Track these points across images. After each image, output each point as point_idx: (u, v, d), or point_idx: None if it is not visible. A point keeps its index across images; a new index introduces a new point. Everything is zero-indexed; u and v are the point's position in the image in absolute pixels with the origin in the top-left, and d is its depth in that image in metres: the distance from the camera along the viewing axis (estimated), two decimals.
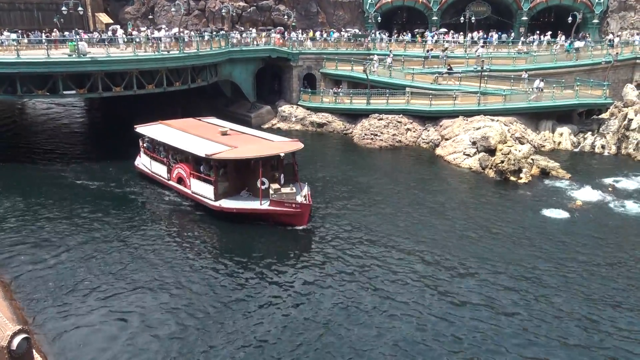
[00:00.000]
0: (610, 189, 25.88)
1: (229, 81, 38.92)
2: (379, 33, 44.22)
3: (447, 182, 27.78)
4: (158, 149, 25.76)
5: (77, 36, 30.70)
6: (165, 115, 38.41)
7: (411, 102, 35.71)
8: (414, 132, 34.92)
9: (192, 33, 37.16)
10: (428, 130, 34.65)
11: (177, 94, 35.31)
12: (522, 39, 42.43)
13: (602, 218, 22.52)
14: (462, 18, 42.99)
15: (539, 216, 22.65)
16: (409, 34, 44.33)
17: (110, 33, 34.94)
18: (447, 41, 41.67)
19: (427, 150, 33.37)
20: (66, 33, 34.57)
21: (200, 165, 22.71)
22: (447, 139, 32.88)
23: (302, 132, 37.17)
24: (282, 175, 22.61)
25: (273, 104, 40.48)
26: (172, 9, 39.88)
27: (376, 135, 34.64)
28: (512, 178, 27.04)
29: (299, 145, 22.91)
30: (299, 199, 21.03)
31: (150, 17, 45.10)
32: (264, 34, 40.01)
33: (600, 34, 43.27)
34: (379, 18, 45.95)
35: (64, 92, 29.47)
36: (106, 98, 33.37)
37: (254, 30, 41.09)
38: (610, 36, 41.53)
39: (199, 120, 28.28)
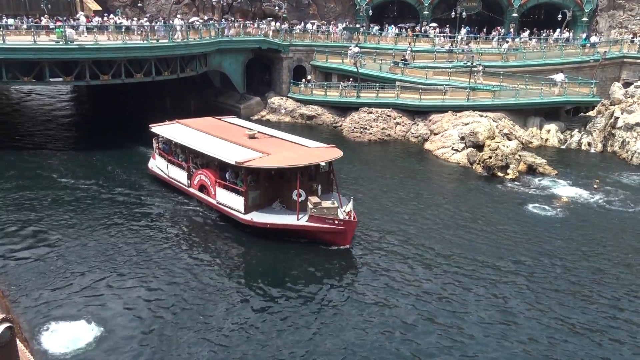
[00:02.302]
0: (595, 186, 26.17)
1: (218, 72, 38.65)
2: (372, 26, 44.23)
3: (435, 177, 27.91)
4: (175, 152, 23.68)
5: (76, 21, 30.20)
6: (153, 105, 38.22)
7: (401, 96, 35.75)
8: (403, 126, 34.98)
9: (183, 22, 36.82)
10: (417, 125, 34.74)
11: (166, 83, 35.00)
12: (511, 35, 42.61)
13: (587, 214, 22.79)
14: (453, 13, 43.02)
15: (525, 212, 22.86)
16: (391, 27, 44.26)
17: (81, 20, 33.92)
18: (437, 36, 41.73)
19: (416, 144, 33.47)
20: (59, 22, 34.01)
21: (226, 172, 20.65)
22: (436, 134, 33.00)
23: (291, 124, 37.09)
24: (319, 187, 20.47)
25: (263, 96, 40.30)
26: None
27: (365, 128, 34.65)
28: (499, 174, 27.24)
29: (338, 153, 20.54)
30: (340, 214, 18.89)
31: (139, 4, 44.57)
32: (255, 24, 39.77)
33: (589, 32, 43.54)
34: (370, 11, 45.85)
35: (51, 79, 29.13)
36: (94, 87, 33.01)
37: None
38: (585, 35, 41.89)
39: (219, 119, 26.13)
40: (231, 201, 20.01)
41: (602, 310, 15.47)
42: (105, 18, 36.08)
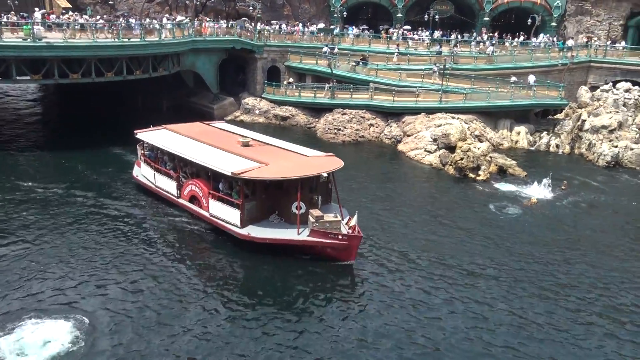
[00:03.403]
0: (563, 187, 26.78)
1: (191, 71, 38.27)
2: (347, 27, 44.42)
3: (408, 178, 28.17)
4: (162, 159, 22.35)
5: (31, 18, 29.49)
6: (124, 104, 37.61)
7: (375, 98, 36.01)
8: (376, 127, 35.22)
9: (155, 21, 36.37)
10: (391, 126, 35.02)
11: (137, 82, 34.49)
12: (481, 38, 43.32)
13: (555, 215, 23.30)
14: (426, 16, 43.52)
15: (495, 212, 23.24)
16: (351, 29, 44.57)
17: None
18: (411, 38, 42.14)
19: (390, 145, 33.74)
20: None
21: (219, 183, 19.49)
22: (409, 135, 33.32)
23: (265, 125, 36.96)
24: (319, 198, 19.53)
25: (236, 96, 40.06)
26: None
27: (339, 129, 34.77)
28: (471, 175, 27.65)
29: (339, 163, 19.43)
30: (343, 228, 17.92)
31: (110, 2, 43.83)
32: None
33: (558, 36, 44.60)
34: (345, 13, 46.04)
35: (18, 78, 28.38)
36: (63, 86, 32.27)
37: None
38: (535, 39, 42.98)
39: (209, 125, 24.92)
40: (226, 214, 18.83)
41: (569, 310, 15.84)
42: (67, 16, 35.20)
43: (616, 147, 31.25)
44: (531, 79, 35.90)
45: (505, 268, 18.13)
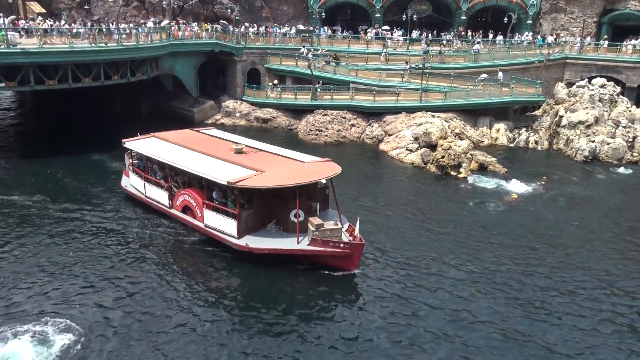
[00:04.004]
0: (542, 182, 27.17)
1: (170, 75, 37.98)
2: (327, 29, 44.46)
3: (391, 177, 28.30)
4: (152, 169, 21.66)
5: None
6: (102, 109, 37.18)
7: (355, 98, 36.13)
8: (358, 127, 35.33)
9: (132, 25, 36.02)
10: (372, 126, 35.17)
11: (116, 87, 34.11)
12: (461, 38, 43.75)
13: (535, 210, 23.63)
14: (404, 16, 43.77)
15: (476, 209, 23.49)
16: (323, 29, 44.72)
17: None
18: (389, 38, 42.35)
19: (371, 145, 33.87)
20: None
21: (213, 192, 18.94)
22: (390, 135, 33.49)
23: (246, 127, 36.85)
24: (318, 206, 19.10)
25: (217, 99, 39.87)
26: (110, 0, 38.42)
27: (321, 130, 34.82)
28: (452, 172, 27.89)
29: (337, 169, 18.88)
30: (344, 236, 17.63)
31: (86, 7, 43.23)
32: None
33: (533, 34, 45.21)
34: (323, 14, 46.10)
35: None
36: (39, 92, 31.78)
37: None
38: (518, 37, 43.69)
39: (198, 132, 24.22)
40: (222, 224, 18.21)
41: (555, 304, 16.08)
42: (35, 22, 34.60)
43: (593, 142, 31.80)
44: (500, 75, 36.48)
45: (488, 266, 18.32)
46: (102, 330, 14.03)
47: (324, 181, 18.98)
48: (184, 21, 40.94)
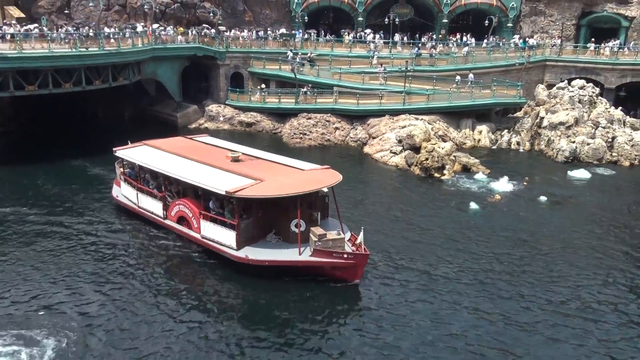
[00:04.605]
0: (525, 183, 27.49)
1: (153, 80, 37.73)
2: (312, 33, 44.57)
3: (376, 180, 28.41)
4: (144, 178, 20.96)
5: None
6: (84, 115, 36.71)
7: (339, 102, 36.23)
8: (342, 131, 35.43)
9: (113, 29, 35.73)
10: (356, 129, 35.29)
11: (97, 92, 33.80)
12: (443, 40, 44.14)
13: (518, 210, 23.89)
14: (386, 19, 44.04)
15: (460, 210, 23.68)
16: (299, 32, 44.88)
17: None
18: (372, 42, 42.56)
19: (356, 148, 33.99)
20: None
21: (209, 202, 18.27)
22: (374, 138, 33.64)
23: (230, 131, 36.75)
24: (319, 215, 18.42)
25: (200, 104, 39.70)
26: (90, 4, 38.05)
27: (305, 134, 34.84)
28: (436, 174, 28.09)
29: (338, 177, 18.35)
30: (347, 246, 17.14)
31: (66, 11, 42.76)
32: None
33: (524, 39, 45.78)
34: (306, 17, 46.18)
35: None
36: (18, 98, 31.29)
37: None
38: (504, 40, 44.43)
39: (191, 139, 23.54)
40: (220, 236, 17.57)
41: (532, 302, 16.27)
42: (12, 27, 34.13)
43: (573, 142, 32.28)
44: (470, 77, 36.97)
45: (466, 260, 18.47)
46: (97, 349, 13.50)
47: (325, 190, 18.45)
48: (159, 24, 40.61)
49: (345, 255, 16.48)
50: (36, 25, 35.82)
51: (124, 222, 21.24)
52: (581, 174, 29.45)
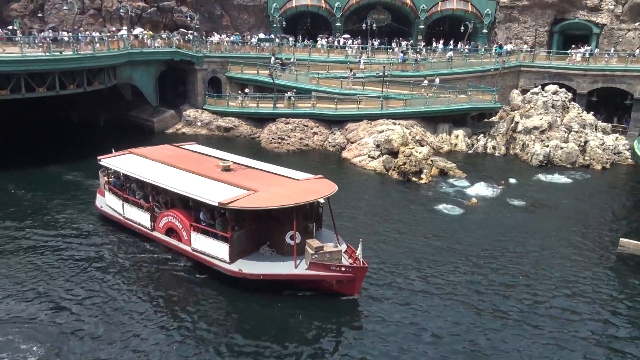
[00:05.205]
0: (501, 186, 27.89)
1: (129, 84, 37.29)
2: (289, 38, 44.68)
3: (354, 185, 28.48)
4: (130, 188, 20.25)
5: None
6: (58, 120, 36.04)
7: (317, 106, 36.32)
8: (320, 135, 35.49)
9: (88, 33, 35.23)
10: (334, 134, 35.40)
11: (71, 97, 33.27)
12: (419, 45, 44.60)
13: (494, 213, 24.22)
14: (364, 25, 44.35)
15: (438, 214, 23.91)
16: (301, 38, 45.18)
17: None
18: (350, 47, 42.81)
19: (334, 153, 34.08)
20: None
21: (199, 212, 17.62)
22: (352, 142, 33.78)
23: (208, 136, 36.51)
24: (314, 226, 17.79)
25: (177, 108, 39.39)
26: (65, 7, 37.48)
27: (283, 139, 34.81)
28: (413, 179, 28.32)
29: (333, 187, 17.84)
30: (344, 259, 16.62)
31: (39, 15, 42.07)
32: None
33: (489, 42, 46.57)
34: (284, 22, 46.24)
35: None
36: None
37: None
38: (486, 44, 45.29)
39: (179, 147, 22.77)
40: (211, 248, 16.95)
41: (510, 305, 16.50)
42: None
43: (547, 146, 32.89)
44: (437, 81, 37.51)
45: (443, 263, 18.64)
46: None
47: (322, 201, 17.78)
48: (125, 27, 40.16)
49: (343, 269, 15.98)
50: (8, 28, 35.16)
51: (108, 233, 20.39)
52: (555, 177, 30.07)
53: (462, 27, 42.81)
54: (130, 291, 16.35)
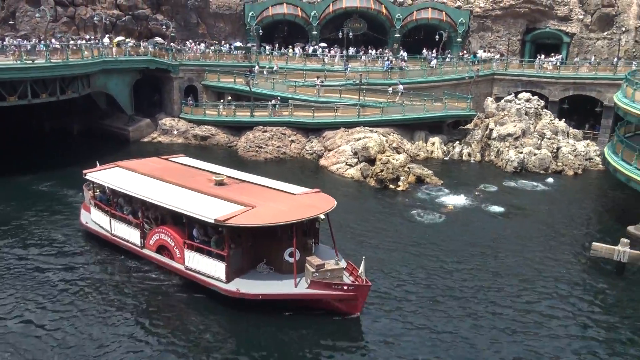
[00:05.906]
0: (476, 192, 28.25)
1: (103, 93, 36.81)
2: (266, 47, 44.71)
3: (332, 192, 28.18)
4: (117, 203, 19.50)
5: None
6: (29, 129, 35.26)
7: (294, 114, 36.34)
8: (298, 143, 35.50)
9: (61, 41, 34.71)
10: (312, 142, 35.44)
11: (44, 105, 32.66)
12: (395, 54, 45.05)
13: (470, 220, 24.50)
14: (340, 33, 44.63)
15: (415, 220, 24.10)
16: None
17: None
18: (332, 56, 43.02)
19: (312, 161, 34.11)
20: None
21: (193, 229, 16.92)
22: (330, 150, 33.86)
23: (184, 145, 36.19)
24: (313, 243, 17.27)
25: (153, 117, 38.98)
26: (37, 15, 36.84)
27: (261, 147, 34.72)
28: (391, 186, 28.50)
29: (332, 202, 17.38)
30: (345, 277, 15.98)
31: (11, 22, 41.29)
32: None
33: (463, 51, 47.29)
34: (261, 31, 46.25)
35: None
36: None
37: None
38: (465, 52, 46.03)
39: (167, 160, 22.10)
40: (207, 267, 16.16)
41: (488, 311, 16.67)
42: None
43: (521, 153, 33.45)
44: (400, 87, 37.89)
45: (419, 269, 18.76)
46: None
47: (322, 216, 16.80)
48: (124, 37, 39.79)
49: (345, 287, 15.38)
50: None
51: (94, 251, 19.56)
52: (529, 183, 30.57)
53: (437, 36, 43.40)
54: (118, 312, 15.56)
